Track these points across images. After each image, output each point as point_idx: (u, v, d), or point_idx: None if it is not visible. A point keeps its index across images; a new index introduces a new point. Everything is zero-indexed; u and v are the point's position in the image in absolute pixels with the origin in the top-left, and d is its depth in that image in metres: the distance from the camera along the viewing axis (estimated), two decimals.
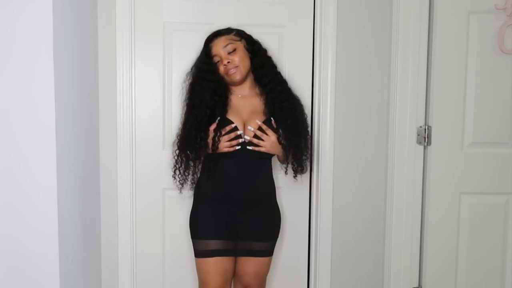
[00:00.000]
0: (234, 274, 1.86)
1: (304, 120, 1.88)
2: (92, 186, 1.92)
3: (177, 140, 1.82)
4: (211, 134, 1.72)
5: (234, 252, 1.80)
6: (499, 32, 2.04)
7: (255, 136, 1.74)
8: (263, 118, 1.77)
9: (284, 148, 1.78)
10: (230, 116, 1.75)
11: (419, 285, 2.19)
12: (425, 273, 2.17)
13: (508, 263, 2.16)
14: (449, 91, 2.08)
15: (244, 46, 1.79)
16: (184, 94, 1.86)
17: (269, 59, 1.86)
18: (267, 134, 1.74)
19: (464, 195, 2.13)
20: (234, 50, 1.76)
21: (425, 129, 2.10)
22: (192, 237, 1.82)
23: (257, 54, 1.82)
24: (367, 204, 2.17)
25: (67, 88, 1.53)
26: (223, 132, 1.71)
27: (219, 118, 1.73)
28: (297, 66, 2.09)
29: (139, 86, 2.03)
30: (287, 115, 1.78)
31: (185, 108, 1.84)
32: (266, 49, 1.87)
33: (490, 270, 2.16)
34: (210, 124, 1.73)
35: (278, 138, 1.76)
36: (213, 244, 1.76)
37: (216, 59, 1.76)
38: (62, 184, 1.45)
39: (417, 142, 2.11)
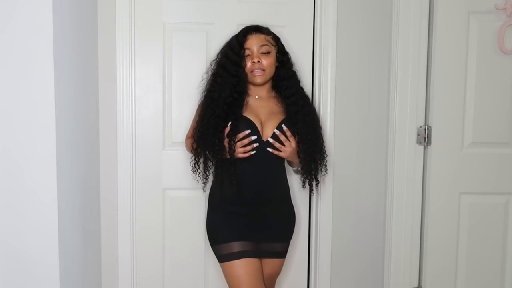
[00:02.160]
0: None
1: (322, 135, 1.88)
2: (92, 186, 1.92)
3: (195, 135, 1.78)
4: (226, 138, 1.71)
5: (259, 253, 1.75)
6: (499, 32, 2.04)
7: (277, 140, 1.72)
8: (280, 118, 1.76)
9: (301, 160, 1.78)
10: (248, 115, 1.74)
11: (419, 285, 2.19)
12: (425, 273, 2.17)
13: (508, 263, 2.16)
14: (449, 91, 2.08)
15: (275, 54, 1.79)
16: (204, 84, 1.85)
17: (294, 73, 1.86)
18: (289, 141, 1.73)
19: (464, 195, 2.13)
20: (268, 53, 1.75)
21: (425, 129, 2.10)
22: (212, 244, 1.77)
23: (285, 65, 1.82)
24: (367, 204, 2.17)
25: (67, 88, 1.53)
26: (236, 139, 1.69)
27: (230, 122, 1.70)
28: (297, 66, 2.08)
29: (139, 86, 2.03)
30: (309, 129, 1.77)
31: (202, 100, 1.82)
32: (293, 63, 1.88)
33: (490, 270, 2.16)
34: (226, 122, 1.71)
35: (297, 151, 1.76)
36: (237, 245, 1.70)
37: (247, 52, 1.75)
38: (62, 184, 1.45)
39: (417, 142, 2.11)
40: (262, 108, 1.78)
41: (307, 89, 2.09)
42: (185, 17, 2.03)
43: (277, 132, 1.72)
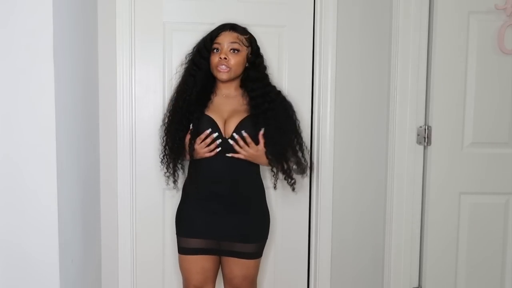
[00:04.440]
0: (223, 277, 1.86)
1: (294, 134, 1.82)
2: (92, 186, 1.92)
3: (164, 127, 1.84)
4: (188, 143, 1.74)
5: (217, 251, 1.79)
6: (499, 32, 2.04)
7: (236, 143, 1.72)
8: (243, 116, 1.74)
9: (270, 162, 1.76)
10: (210, 114, 1.75)
11: (419, 285, 2.19)
12: (425, 273, 2.16)
13: (508, 263, 2.16)
14: (449, 91, 2.08)
15: (247, 55, 1.78)
16: (176, 79, 1.87)
17: (265, 76, 1.84)
18: (247, 146, 1.72)
19: (464, 195, 2.13)
20: (237, 51, 1.75)
21: (425, 129, 2.10)
22: (176, 233, 1.84)
23: (256, 67, 1.81)
24: (367, 204, 2.17)
25: (67, 88, 1.53)
26: (198, 141, 1.71)
27: (192, 124, 1.73)
28: (297, 66, 2.09)
29: (139, 86, 2.03)
30: (274, 132, 1.74)
31: (173, 94, 1.85)
32: (267, 66, 1.86)
33: (490, 270, 2.16)
34: (189, 122, 1.74)
35: (265, 152, 1.74)
36: (195, 242, 1.77)
37: (216, 46, 1.75)
38: (62, 184, 1.45)
39: (417, 142, 2.11)
40: (226, 105, 1.78)
41: (307, 89, 2.09)
42: (185, 17, 2.03)
43: (236, 137, 1.71)
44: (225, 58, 1.72)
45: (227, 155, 1.72)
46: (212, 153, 1.72)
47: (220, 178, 1.75)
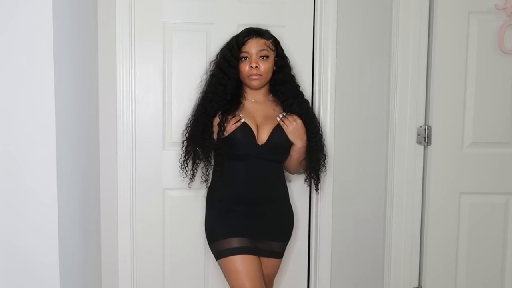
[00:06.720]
0: None
1: (322, 137, 1.89)
2: (92, 186, 1.92)
3: (186, 132, 1.83)
4: (216, 129, 1.73)
5: (258, 251, 1.75)
6: (499, 32, 2.04)
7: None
8: (276, 122, 1.76)
9: (305, 158, 1.81)
10: (244, 118, 1.74)
11: (419, 285, 2.19)
12: (425, 273, 2.17)
13: (508, 263, 2.16)
14: (449, 91, 2.08)
15: (274, 58, 1.79)
16: (202, 85, 1.87)
17: (292, 77, 1.86)
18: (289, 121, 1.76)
19: (464, 195, 2.13)
20: (266, 57, 1.75)
21: (425, 129, 2.10)
22: (211, 241, 1.77)
23: (283, 70, 1.82)
24: (367, 204, 2.17)
25: (67, 88, 1.53)
26: (225, 125, 1.71)
27: (220, 112, 1.74)
28: (297, 66, 2.08)
29: (139, 86, 2.03)
30: (311, 135, 1.79)
31: (199, 100, 1.84)
32: (292, 67, 1.89)
33: (490, 270, 2.16)
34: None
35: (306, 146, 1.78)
36: (236, 241, 1.70)
37: (244, 55, 1.74)
38: (62, 184, 1.45)
39: (417, 142, 2.11)
40: (258, 111, 1.78)
41: (307, 90, 2.09)
42: (185, 17, 2.03)
43: (278, 118, 1.75)
44: (256, 67, 1.73)
45: (278, 118, 1.74)
46: (238, 124, 1.70)
47: (248, 181, 1.74)
